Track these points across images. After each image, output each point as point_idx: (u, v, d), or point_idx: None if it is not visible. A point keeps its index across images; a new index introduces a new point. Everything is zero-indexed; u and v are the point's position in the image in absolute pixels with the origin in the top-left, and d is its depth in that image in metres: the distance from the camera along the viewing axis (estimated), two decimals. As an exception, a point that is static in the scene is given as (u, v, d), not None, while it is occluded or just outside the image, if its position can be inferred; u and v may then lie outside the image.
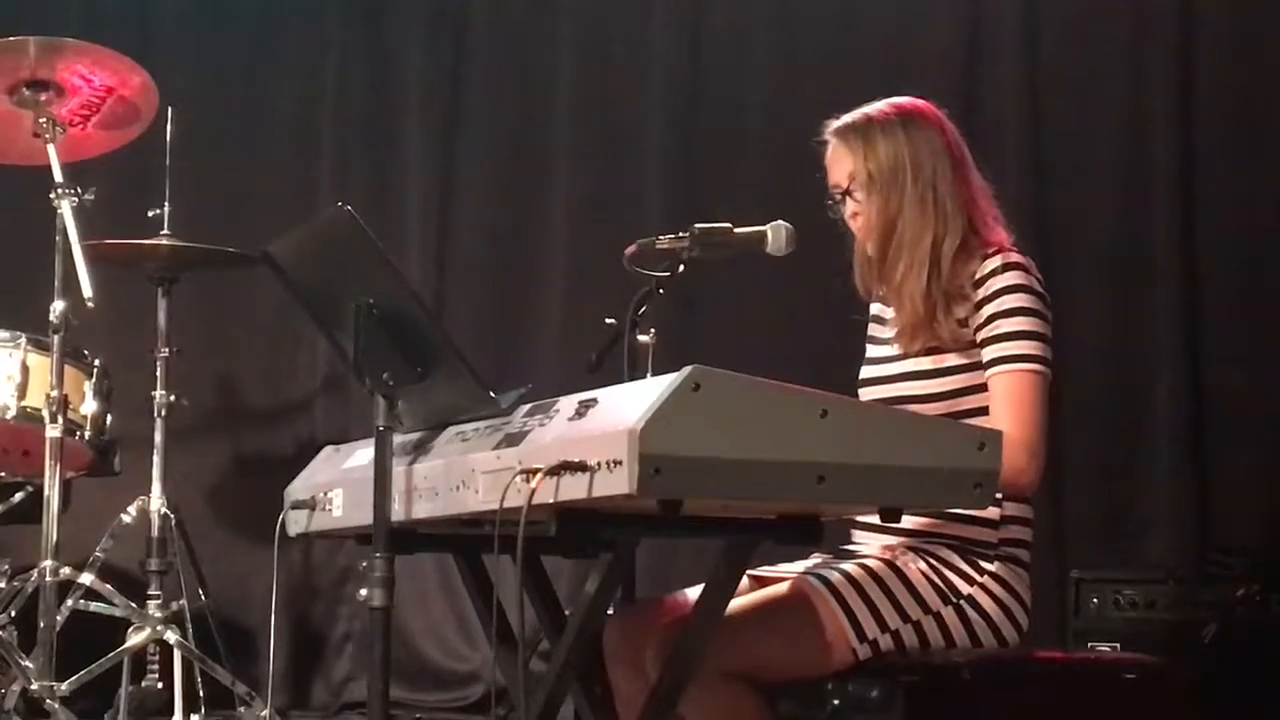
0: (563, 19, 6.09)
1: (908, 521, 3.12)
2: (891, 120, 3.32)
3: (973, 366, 3.23)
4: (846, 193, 3.34)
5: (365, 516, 2.82)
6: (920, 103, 3.37)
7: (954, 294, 3.24)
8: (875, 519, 2.90)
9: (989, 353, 3.20)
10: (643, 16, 5.99)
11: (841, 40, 5.73)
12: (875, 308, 3.46)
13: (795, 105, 5.42)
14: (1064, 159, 5.48)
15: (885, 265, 3.31)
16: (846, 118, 3.37)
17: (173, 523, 4.94)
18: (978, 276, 3.23)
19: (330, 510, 3.04)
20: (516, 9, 6.17)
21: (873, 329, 3.46)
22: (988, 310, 3.21)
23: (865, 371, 3.41)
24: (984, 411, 3.19)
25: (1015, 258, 3.24)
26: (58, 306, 4.48)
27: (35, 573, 4.53)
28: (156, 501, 4.95)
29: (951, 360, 3.24)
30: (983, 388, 3.21)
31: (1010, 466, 3.07)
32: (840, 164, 3.35)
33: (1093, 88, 5.47)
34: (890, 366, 3.33)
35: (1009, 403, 3.17)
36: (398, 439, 2.90)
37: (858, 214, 3.34)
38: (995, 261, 3.23)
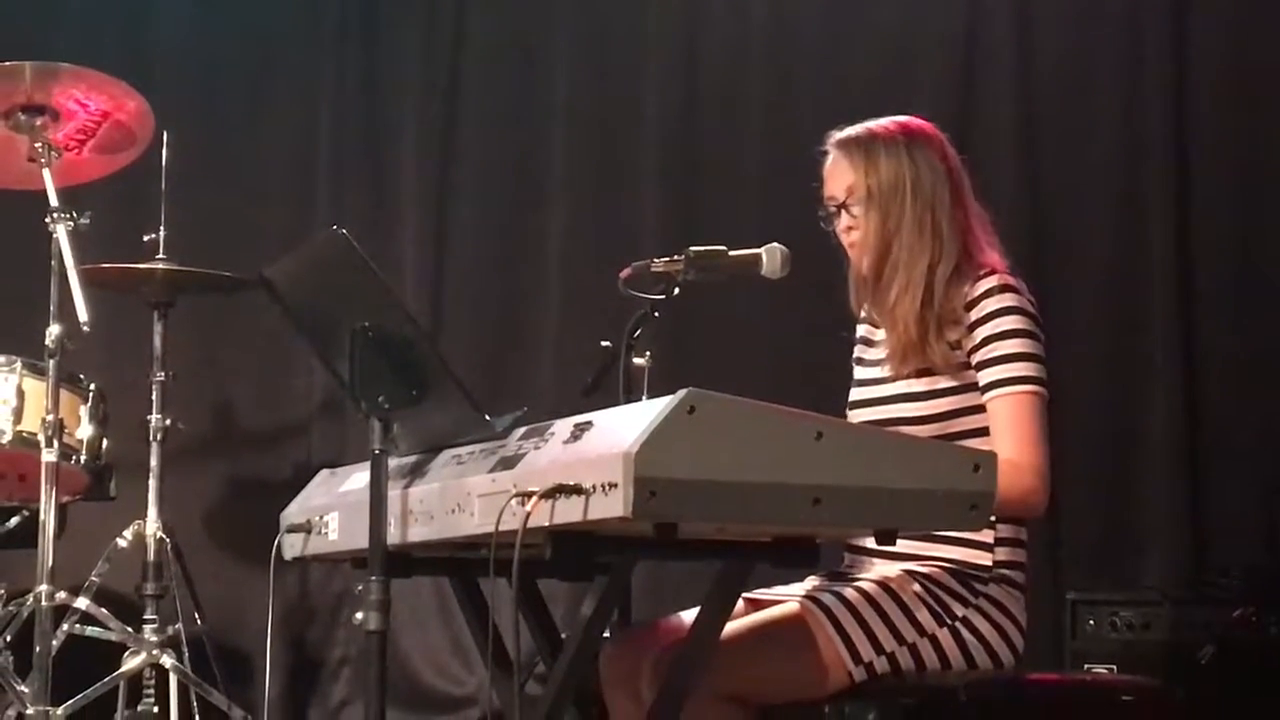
0: (559, 44, 6.10)
1: (903, 544, 3.09)
2: (896, 138, 3.30)
3: (965, 388, 3.22)
4: (842, 206, 3.32)
5: (361, 540, 2.82)
6: (925, 124, 3.35)
7: (946, 318, 3.23)
8: (871, 541, 2.89)
9: (986, 376, 3.19)
10: (638, 41, 5.99)
11: (837, 64, 5.73)
12: (862, 329, 3.46)
13: (791, 128, 5.42)
14: (1058, 184, 5.48)
15: (879, 286, 3.29)
16: (850, 130, 3.35)
17: (168, 547, 4.94)
18: (970, 298, 3.22)
19: (326, 534, 3.04)
20: (512, 37, 6.18)
21: (860, 350, 3.45)
22: (981, 333, 3.20)
23: (855, 393, 3.40)
24: (976, 433, 3.18)
25: (1007, 279, 3.23)
26: (53, 331, 4.46)
27: (31, 597, 4.51)
28: (152, 525, 4.95)
29: (943, 382, 3.23)
30: (975, 409, 3.21)
31: (1020, 489, 3.08)
32: (839, 176, 3.33)
33: (1089, 112, 5.47)
34: (881, 388, 3.32)
35: (1012, 426, 3.15)
36: (393, 462, 2.90)
37: (852, 228, 3.32)
38: (987, 283, 3.22)
